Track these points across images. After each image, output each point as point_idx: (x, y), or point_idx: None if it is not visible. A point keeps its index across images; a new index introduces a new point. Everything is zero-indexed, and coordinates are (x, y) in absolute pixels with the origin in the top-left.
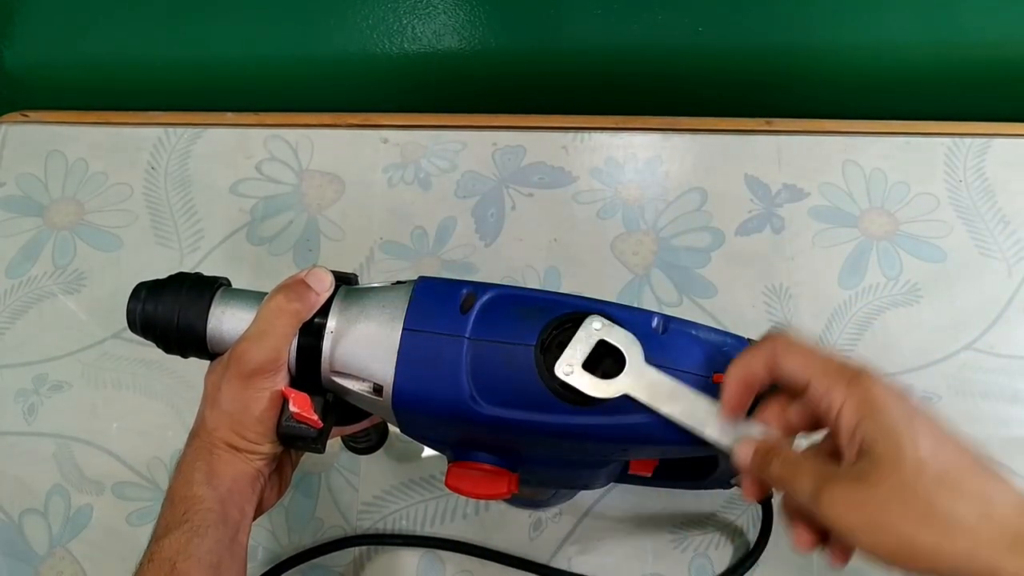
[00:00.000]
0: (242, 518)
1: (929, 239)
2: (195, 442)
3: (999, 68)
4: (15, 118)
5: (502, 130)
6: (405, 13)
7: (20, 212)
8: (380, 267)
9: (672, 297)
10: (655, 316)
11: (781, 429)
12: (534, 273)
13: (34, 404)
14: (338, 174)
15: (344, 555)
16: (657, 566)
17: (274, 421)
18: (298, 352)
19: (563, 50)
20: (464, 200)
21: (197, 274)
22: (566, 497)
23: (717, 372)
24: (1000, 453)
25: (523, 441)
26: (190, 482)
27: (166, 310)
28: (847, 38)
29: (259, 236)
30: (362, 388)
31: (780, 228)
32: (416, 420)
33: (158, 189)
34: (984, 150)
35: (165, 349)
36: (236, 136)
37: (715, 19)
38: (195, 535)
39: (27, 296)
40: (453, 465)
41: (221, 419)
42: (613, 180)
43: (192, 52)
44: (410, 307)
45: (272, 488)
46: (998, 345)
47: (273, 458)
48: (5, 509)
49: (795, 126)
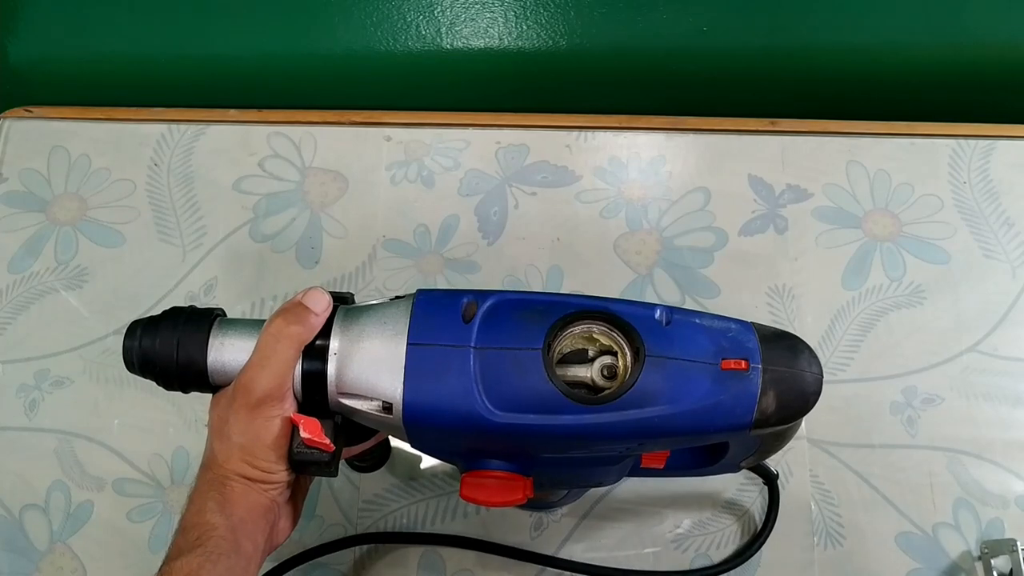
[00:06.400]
0: (255, 551)
1: (933, 241)
2: (207, 474)
3: (1004, 70)
4: (18, 113)
5: (506, 129)
6: (410, 11)
7: (23, 207)
8: (382, 265)
9: (675, 297)
10: (658, 308)
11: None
12: (537, 272)
13: (35, 399)
14: (341, 171)
15: (345, 554)
16: (658, 565)
17: (286, 448)
18: (303, 377)
19: (567, 49)
20: (467, 198)
21: (192, 307)
22: (576, 496)
23: (725, 359)
24: (1002, 456)
25: (537, 445)
26: (203, 510)
27: (164, 345)
28: (852, 39)
29: (262, 233)
30: (371, 407)
31: (784, 228)
32: (427, 434)
33: (161, 185)
34: (989, 152)
35: (166, 386)
36: (239, 133)
37: (720, 19)
38: (207, 560)
39: (29, 292)
40: (466, 475)
41: (232, 451)
42: (616, 179)
43: (195, 48)
44: (412, 321)
45: (286, 519)
46: (1001, 347)
47: (287, 486)
48: (6, 504)
49: (799, 127)
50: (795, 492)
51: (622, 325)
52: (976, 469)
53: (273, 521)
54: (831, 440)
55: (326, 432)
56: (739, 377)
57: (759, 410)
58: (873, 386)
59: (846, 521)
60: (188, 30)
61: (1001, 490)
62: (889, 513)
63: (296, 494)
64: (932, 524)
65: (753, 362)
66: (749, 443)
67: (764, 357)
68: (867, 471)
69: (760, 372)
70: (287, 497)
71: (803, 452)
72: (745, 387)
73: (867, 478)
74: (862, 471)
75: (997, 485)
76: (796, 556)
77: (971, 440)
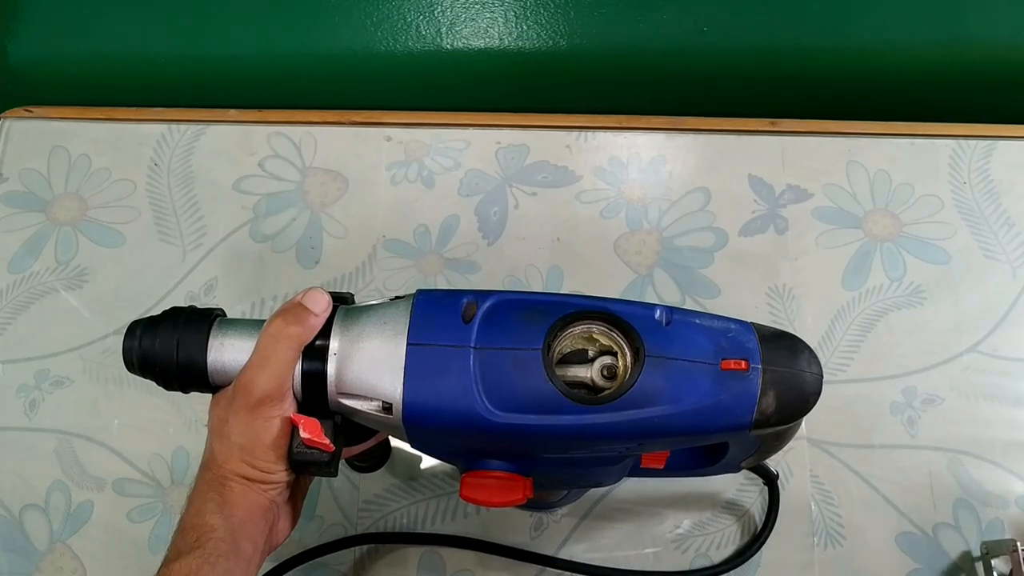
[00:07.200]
0: (254, 552)
1: (933, 241)
2: (206, 475)
3: (1004, 70)
4: (19, 113)
5: (506, 129)
6: (410, 11)
7: (23, 207)
8: (383, 265)
9: (675, 297)
10: (658, 308)
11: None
12: (537, 272)
13: (35, 399)
14: (341, 171)
15: (345, 554)
16: (658, 565)
17: (285, 448)
18: (303, 377)
19: (567, 49)
20: (467, 198)
21: (192, 307)
22: (576, 497)
23: (726, 359)
24: (1002, 456)
25: (537, 445)
26: (202, 511)
27: (164, 345)
28: (852, 39)
29: (262, 233)
30: (371, 407)
31: (784, 229)
32: (427, 434)
33: (161, 185)
34: (989, 152)
35: (166, 386)
36: (239, 133)
37: (720, 19)
38: (206, 562)
39: (29, 291)
40: (466, 475)
41: (232, 451)
42: (616, 179)
43: (196, 48)
44: (412, 321)
45: (286, 519)
46: (1001, 348)
47: (286, 486)
48: (6, 504)
49: (799, 127)
50: (795, 492)
51: (622, 325)
52: (976, 469)
53: (272, 522)
54: (831, 440)
55: (326, 432)
56: (739, 377)
57: (759, 410)
58: (873, 386)
59: (846, 521)
60: (188, 30)
61: (1001, 490)
62: (889, 513)
63: (296, 494)
64: (932, 524)
65: (753, 362)
66: (749, 443)
67: (764, 357)
68: (867, 471)
69: (760, 372)
70: (287, 498)
71: (803, 452)
72: (745, 387)
73: (867, 478)
74: (862, 471)
75: (997, 485)
76: (796, 556)
77: (971, 440)
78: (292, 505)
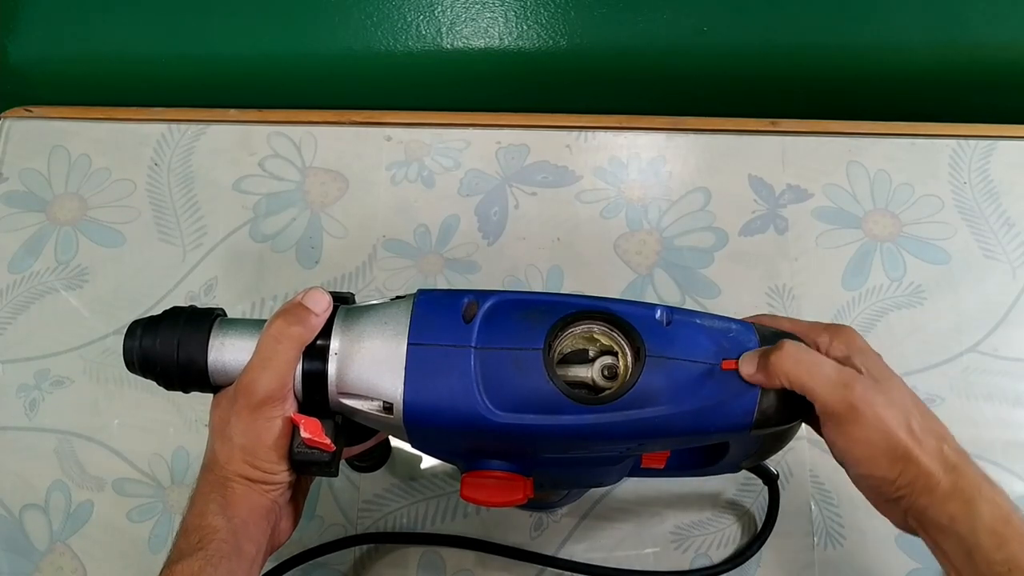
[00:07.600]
0: (256, 553)
1: (933, 241)
2: (208, 476)
3: (1004, 70)
4: (19, 113)
5: (506, 129)
6: (410, 11)
7: (23, 207)
8: (383, 265)
9: (675, 297)
10: (658, 308)
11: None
12: (537, 272)
13: (35, 399)
14: (341, 171)
15: (345, 554)
16: (658, 565)
17: (287, 449)
18: (304, 377)
19: (567, 49)
20: (467, 198)
21: (192, 307)
22: (576, 497)
23: (726, 359)
24: (1002, 456)
25: (538, 445)
26: (204, 513)
27: (165, 345)
28: (852, 39)
29: (262, 233)
30: (371, 407)
31: (784, 229)
32: (428, 434)
33: (161, 185)
34: (989, 152)
35: (166, 386)
36: (239, 133)
37: (720, 19)
38: (208, 564)
39: (29, 291)
40: (467, 475)
41: (233, 452)
42: (617, 179)
43: (196, 48)
44: (413, 321)
45: (287, 520)
46: (1002, 348)
47: (288, 487)
48: (6, 504)
49: (799, 127)
50: (795, 492)
51: (623, 325)
52: None
53: (274, 522)
54: None
55: (326, 432)
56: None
57: (759, 410)
58: None
59: (846, 521)
60: (188, 30)
61: None
62: None
63: (297, 495)
64: None
65: None
66: (749, 443)
67: None
68: None
69: None
70: (288, 498)
71: (803, 452)
72: (746, 387)
73: None
74: None
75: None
76: (796, 556)
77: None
78: (294, 505)
